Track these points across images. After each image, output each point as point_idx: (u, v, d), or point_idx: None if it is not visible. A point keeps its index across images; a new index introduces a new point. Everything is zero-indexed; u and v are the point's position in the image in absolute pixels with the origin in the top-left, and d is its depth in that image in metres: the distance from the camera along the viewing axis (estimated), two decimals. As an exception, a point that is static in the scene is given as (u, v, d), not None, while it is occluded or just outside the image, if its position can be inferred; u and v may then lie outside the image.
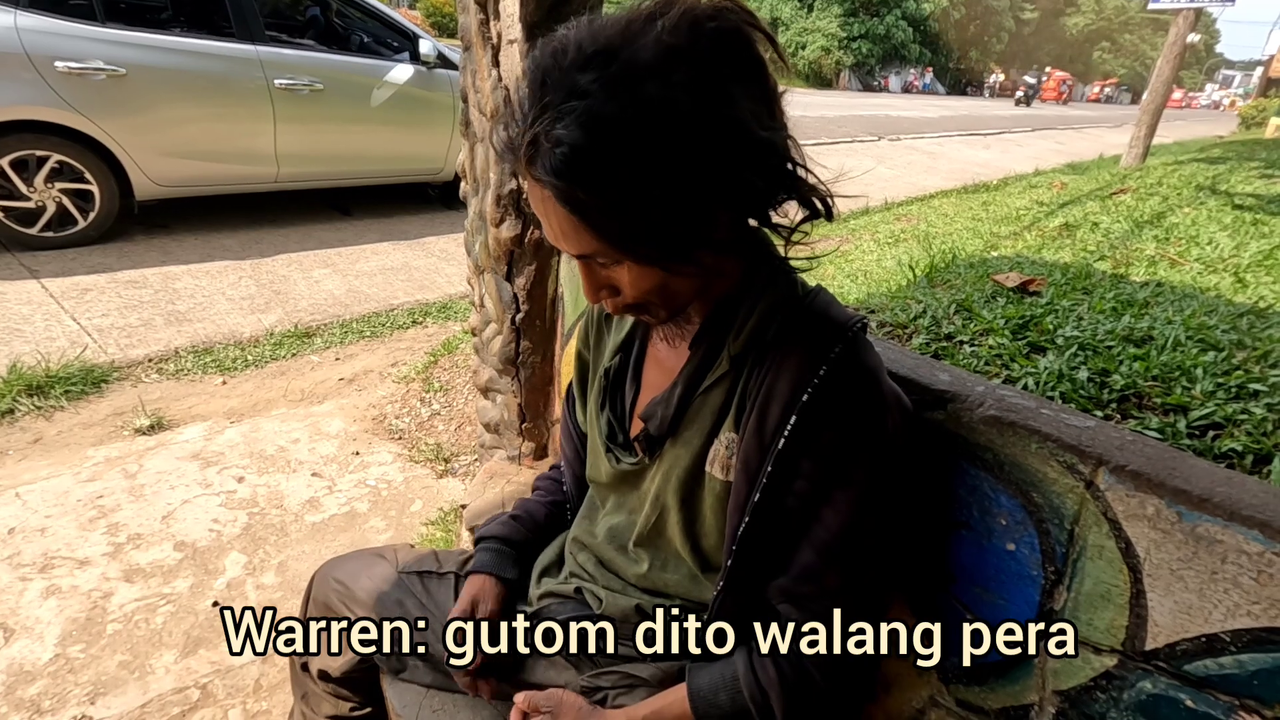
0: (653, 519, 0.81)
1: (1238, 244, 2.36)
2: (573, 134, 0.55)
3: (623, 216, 0.59)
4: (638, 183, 0.57)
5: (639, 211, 0.58)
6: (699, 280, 0.69)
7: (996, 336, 1.38)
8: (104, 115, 3.64)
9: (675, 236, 0.61)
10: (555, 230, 0.63)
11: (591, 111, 0.55)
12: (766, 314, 0.72)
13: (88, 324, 3.05)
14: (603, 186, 0.57)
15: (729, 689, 0.73)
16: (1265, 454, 0.97)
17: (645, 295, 0.68)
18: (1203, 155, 5.89)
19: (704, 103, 0.57)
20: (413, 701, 0.99)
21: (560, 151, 0.56)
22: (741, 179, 0.61)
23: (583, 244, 0.62)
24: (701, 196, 0.60)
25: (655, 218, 0.59)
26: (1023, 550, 0.77)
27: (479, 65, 1.51)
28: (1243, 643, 0.62)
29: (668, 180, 0.57)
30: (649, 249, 0.61)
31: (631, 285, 0.66)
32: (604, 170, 0.56)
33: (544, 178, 0.58)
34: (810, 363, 0.67)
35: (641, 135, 0.56)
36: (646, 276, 0.65)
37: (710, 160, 0.58)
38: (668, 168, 0.57)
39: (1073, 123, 21.99)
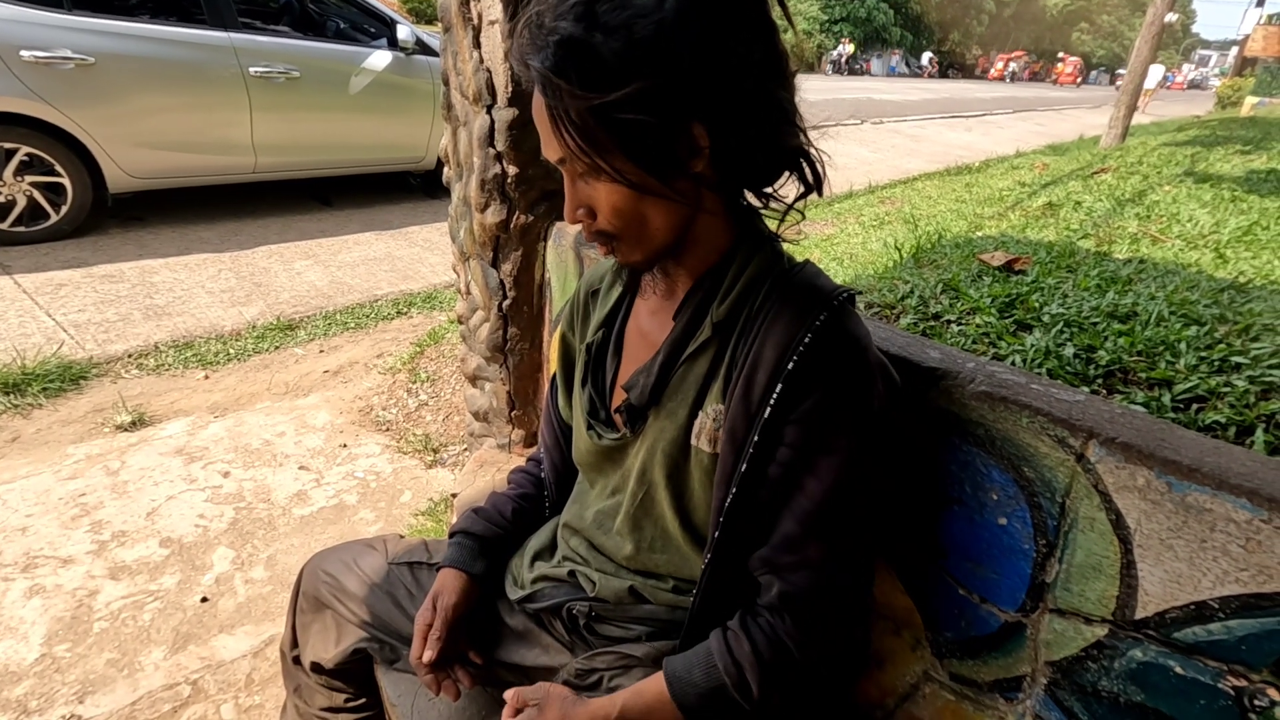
0: (640, 496, 0.80)
1: (1217, 220, 2.38)
2: (568, 26, 0.58)
3: (599, 118, 0.60)
4: (617, 83, 0.58)
5: (616, 116, 0.59)
6: (675, 219, 0.69)
7: (983, 315, 1.38)
8: (73, 105, 3.54)
9: (649, 151, 0.62)
10: (541, 132, 0.65)
11: (591, 11, 0.58)
12: (752, 282, 0.72)
13: (64, 320, 2.99)
14: (584, 81, 0.58)
15: (703, 665, 0.72)
16: (1248, 425, 0.99)
17: (619, 220, 0.68)
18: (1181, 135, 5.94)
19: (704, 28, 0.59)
20: (407, 691, 0.98)
21: (553, 40, 0.58)
22: (723, 108, 0.62)
23: (559, 145, 0.63)
24: (680, 108, 0.61)
25: (631, 126, 0.60)
26: (1014, 524, 0.78)
27: (460, 47, 1.48)
28: (1231, 609, 0.63)
29: (648, 85, 0.58)
30: (622, 160, 0.62)
31: (606, 204, 0.67)
32: (588, 64, 0.58)
33: (536, 68, 0.60)
34: (795, 329, 0.67)
35: (631, 37, 0.58)
36: (620, 193, 0.65)
37: (695, 81, 0.60)
38: (649, 70, 0.58)
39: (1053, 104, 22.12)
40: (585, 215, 0.69)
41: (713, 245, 0.73)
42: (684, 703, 0.72)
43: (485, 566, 0.95)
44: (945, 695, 0.89)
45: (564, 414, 0.97)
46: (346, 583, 0.99)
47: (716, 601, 0.75)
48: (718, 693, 0.71)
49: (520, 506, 1.00)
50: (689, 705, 0.72)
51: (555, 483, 0.99)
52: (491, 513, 0.99)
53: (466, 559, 0.94)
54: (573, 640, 0.90)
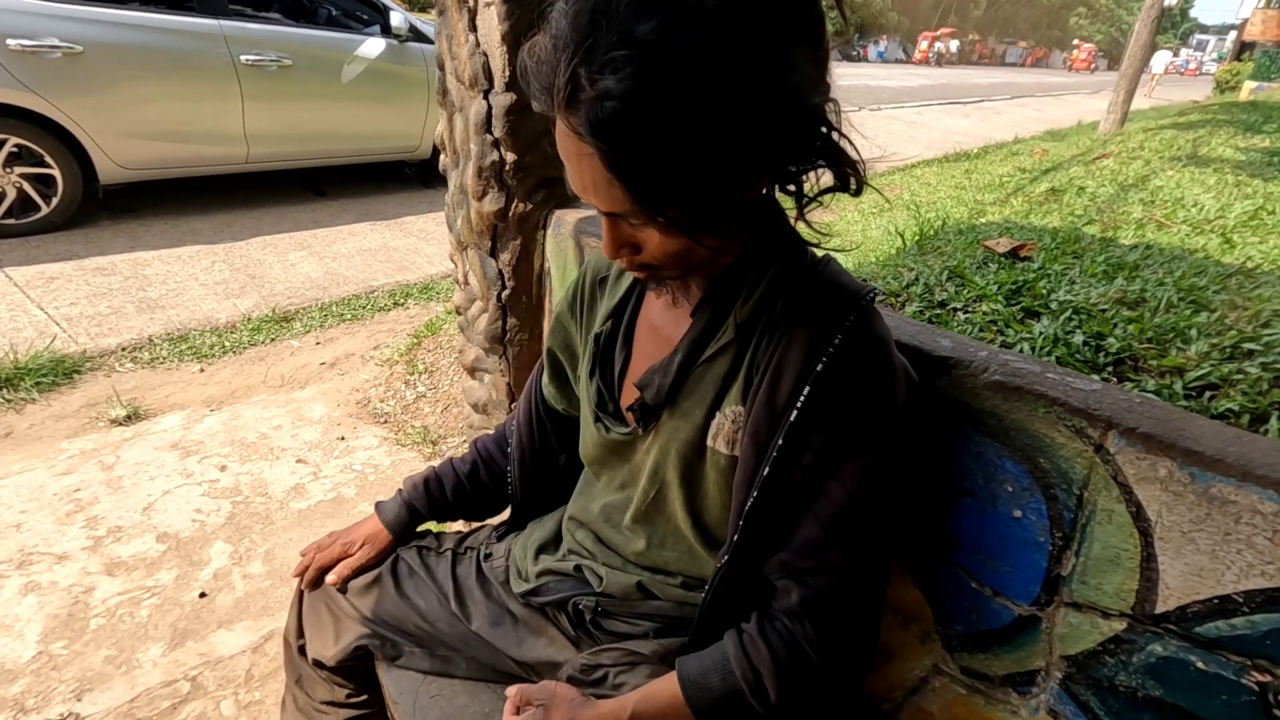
0: (651, 494, 0.78)
1: (1222, 205, 2.36)
2: (624, 87, 0.50)
3: (663, 181, 0.55)
4: (685, 148, 0.53)
5: (681, 178, 0.54)
6: (720, 245, 0.66)
7: (990, 302, 1.36)
8: (62, 95, 3.48)
9: (708, 205, 0.58)
10: (586, 183, 0.59)
11: (648, 66, 0.49)
12: (775, 282, 0.69)
13: (56, 313, 2.96)
14: (648, 149, 0.53)
15: (720, 670, 0.71)
16: (1262, 413, 0.97)
17: (667, 258, 0.64)
18: (1181, 120, 5.91)
19: (765, 67, 0.52)
20: (409, 688, 0.97)
21: (609, 105, 0.51)
22: (788, 148, 0.58)
23: (614, 203, 0.58)
24: (747, 166, 0.57)
25: (696, 186, 0.55)
26: (1029, 516, 0.76)
27: (455, 30, 1.44)
28: (1256, 603, 0.61)
29: (713, 146, 0.53)
30: (683, 216, 0.58)
31: (656, 248, 0.63)
32: (650, 132, 0.52)
33: (584, 132, 0.53)
34: (824, 332, 0.64)
35: (696, 98, 0.51)
36: (675, 240, 0.62)
37: (760, 128, 0.54)
38: (716, 134, 0.53)
39: (1050, 90, 22.01)
40: (628, 252, 0.66)
41: (734, 240, 0.71)
42: (699, 708, 0.70)
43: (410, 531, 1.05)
44: (955, 689, 0.88)
45: (549, 397, 0.95)
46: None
47: (727, 600, 0.74)
48: (734, 698, 0.70)
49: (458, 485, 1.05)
50: (704, 710, 0.70)
51: (521, 477, 1.00)
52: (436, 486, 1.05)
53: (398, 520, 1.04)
54: (578, 635, 0.89)
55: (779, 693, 0.69)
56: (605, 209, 0.60)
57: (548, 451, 0.98)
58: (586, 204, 0.72)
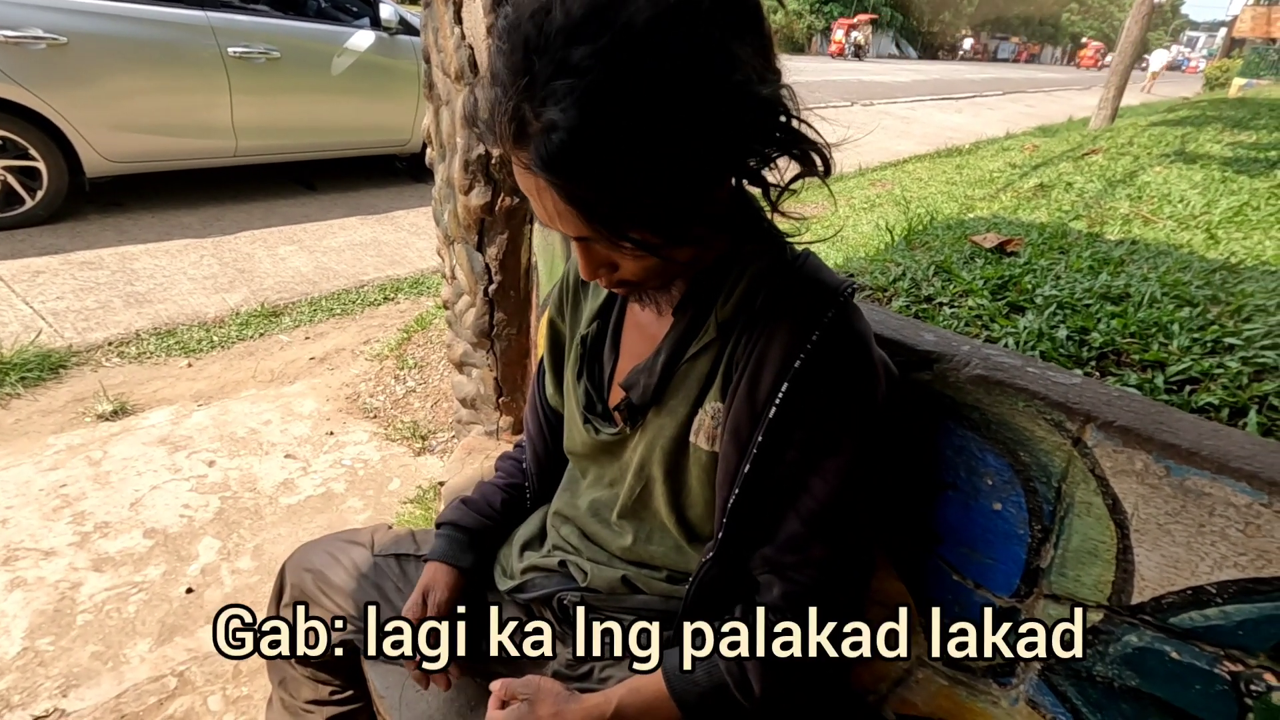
0: (637, 490, 0.79)
1: (1208, 201, 2.38)
2: (568, 118, 0.49)
3: (623, 204, 0.54)
4: (638, 168, 0.52)
5: (641, 198, 0.54)
6: (696, 251, 0.67)
7: (976, 297, 1.37)
8: (46, 87, 3.44)
9: (675, 218, 0.57)
10: (549, 213, 0.58)
11: (587, 93, 0.49)
12: (755, 279, 0.69)
13: (41, 308, 2.93)
14: (601, 175, 0.52)
15: (705, 664, 0.71)
16: (1241, 407, 0.98)
17: (645, 274, 0.64)
18: (1171, 116, 5.94)
19: (707, 71, 0.51)
20: (395, 682, 0.97)
21: (556, 138, 0.50)
22: (745, 146, 0.57)
23: (579, 229, 0.58)
24: (703, 172, 0.56)
25: (657, 203, 0.55)
26: (1010, 509, 0.76)
27: (441, 23, 1.44)
28: (1229, 594, 0.62)
29: (670, 161, 0.53)
30: (650, 235, 0.57)
31: (632, 266, 0.63)
32: (602, 158, 0.51)
33: (536, 168, 0.53)
34: (803, 328, 0.65)
35: (642, 116, 0.50)
36: (646, 259, 0.62)
37: (715, 133, 0.53)
38: (670, 148, 0.52)
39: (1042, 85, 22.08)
40: (605, 272, 0.65)
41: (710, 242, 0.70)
42: (684, 701, 0.71)
43: (474, 559, 0.93)
44: (938, 680, 0.89)
45: (552, 401, 0.94)
46: (331, 576, 0.97)
47: (711, 595, 0.74)
48: (719, 691, 0.70)
49: (509, 496, 0.98)
50: (689, 703, 0.71)
51: (538, 473, 0.97)
52: (480, 503, 0.97)
53: (455, 552, 0.92)
54: (563, 631, 0.89)
55: (763, 686, 0.69)
56: (573, 234, 0.60)
57: (562, 454, 0.97)
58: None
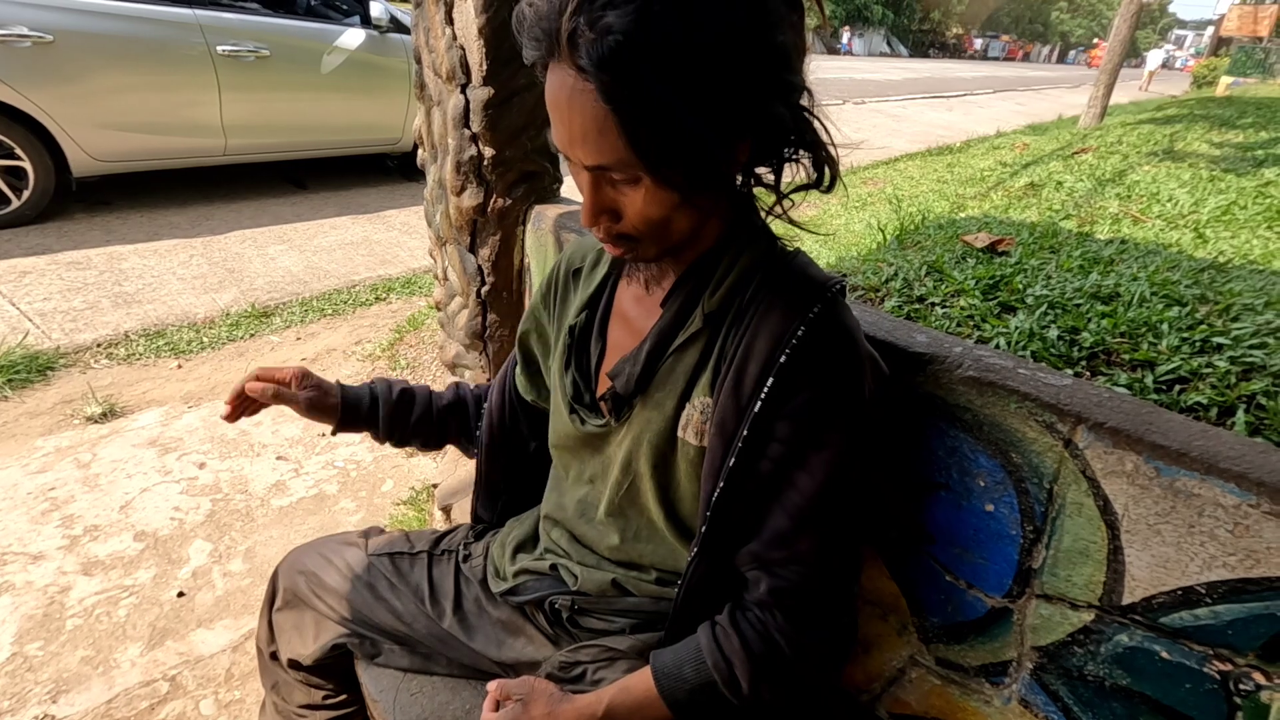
0: (625, 486, 0.78)
1: (1196, 200, 2.40)
2: (626, 22, 0.51)
3: (659, 124, 0.55)
4: (683, 89, 0.53)
5: (677, 122, 0.55)
6: (698, 220, 0.67)
7: (968, 297, 1.37)
8: (31, 85, 3.40)
9: (704, 158, 0.58)
10: (576, 132, 0.58)
11: (648, 4, 0.51)
12: (744, 273, 0.69)
13: (28, 309, 2.90)
14: (648, 86, 0.53)
15: (693, 661, 0.71)
16: (1229, 406, 0.99)
17: (648, 224, 0.64)
18: (1159, 115, 5.98)
19: (759, 18, 0.55)
20: (389, 686, 0.96)
21: (611, 39, 0.51)
22: (774, 110, 0.59)
23: (605, 151, 0.57)
24: (738, 118, 0.58)
25: (691, 133, 0.56)
26: (1002, 510, 0.77)
27: (432, 23, 1.43)
28: (1218, 594, 0.63)
29: (713, 93, 0.55)
30: (676, 167, 0.58)
31: (640, 210, 0.62)
32: (653, 68, 0.52)
33: (587, 67, 0.53)
34: (788, 322, 0.65)
35: (696, 38, 0.52)
36: (659, 202, 0.61)
37: (754, 81, 0.56)
38: (715, 79, 0.54)
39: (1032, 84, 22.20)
40: (607, 219, 0.65)
41: (707, 233, 0.71)
42: (673, 699, 0.71)
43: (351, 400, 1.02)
44: (931, 679, 0.90)
45: (520, 388, 0.95)
46: (325, 578, 0.97)
47: (701, 594, 0.74)
48: (707, 689, 0.70)
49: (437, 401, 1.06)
50: (678, 702, 0.71)
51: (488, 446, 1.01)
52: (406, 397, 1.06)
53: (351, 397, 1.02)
54: (556, 633, 0.89)
55: (751, 683, 0.69)
56: (591, 161, 0.59)
57: (517, 436, 0.99)
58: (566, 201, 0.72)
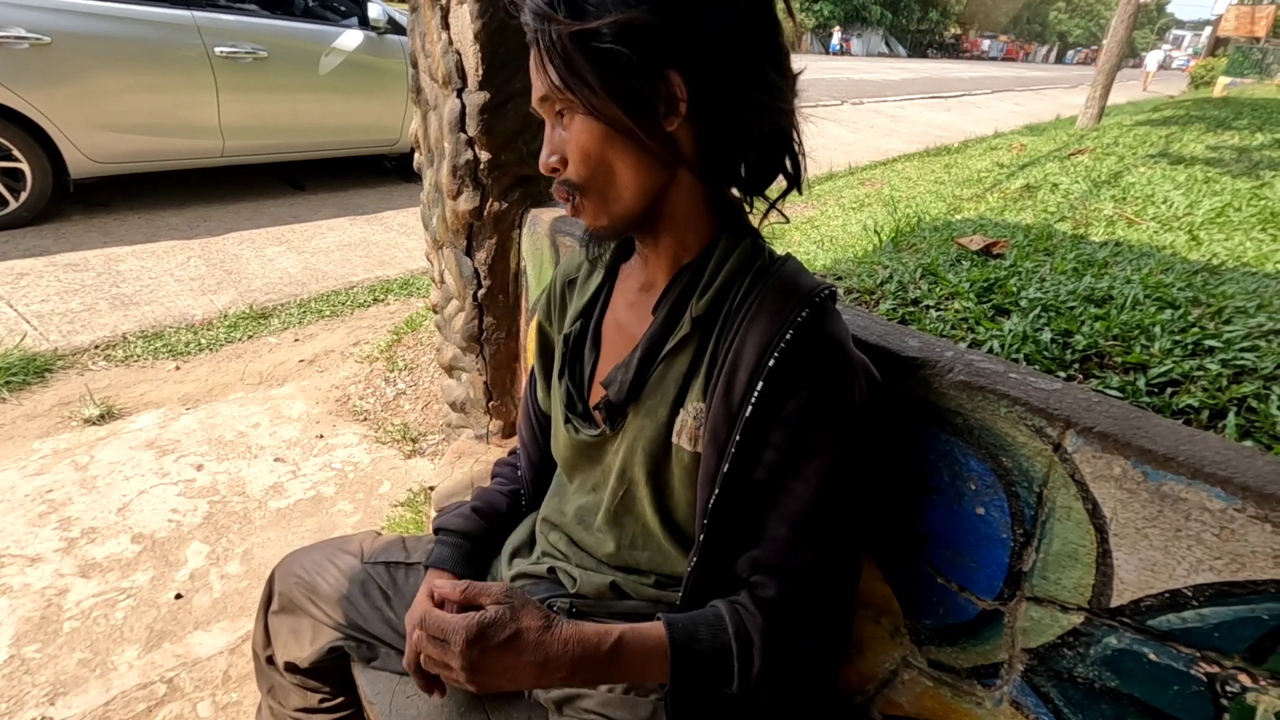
0: (620, 493, 0.79)
1: (1191, 202, 2.41)
2: None
3: (580, 47, 0.60)
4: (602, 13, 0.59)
5: (597, 46, 0.60)
6: (644, 176, 0.68)
7: (962, 300, 1.38)
8: (29, 87, 3.41)
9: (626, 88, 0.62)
10: (534, 63, 0.65)
11: None
12: (732, 276, 0.70)
13: (26, 310, 2.90)
14: (570, 9, 0.60)
15: (711, 626, 0.68)
16: (1220, 409, 1.00)
17: (586, 167, 0.67)
18: (1156, 115, 5.99)
19: None
20: (385, 689, 0.97)
21: None
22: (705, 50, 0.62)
23: (545, 79, 0.64)
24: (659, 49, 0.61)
25: (610, 58, 0.60)
26: (992, 513, 0.77)
27: (428, 28, 1.43)
28: (1205, 597, 0.63)
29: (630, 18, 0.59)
30: (599, 97, 0.62)
31: (576, 148, 0.66)
32: None
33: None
34: (776, 327, 0.65)
35: None
36: (590, 133, 0.65)
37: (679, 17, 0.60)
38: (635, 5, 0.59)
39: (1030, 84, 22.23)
40: (558, 162, 0.69)
41: (694, 235, 0.72)
42: (681, 657, 0.66)
43: (474, 572, 0.92)
44: (924, 681, 0.90)
45: (543, 405, 0.95)
46: (319, 584, 0.97)
47: (703, 599, 0.74)
48: (718, 659, 0.67)
49: (511, 502, 0.99)
50: (685, 660, 0.66)
51: (532, 480, 0.98)
52: (485, 510, 0.96)
53: (456, 560, 0.90)
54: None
55: (763, 665, 0.67)
56: (538, 94, 0.66)
57: None
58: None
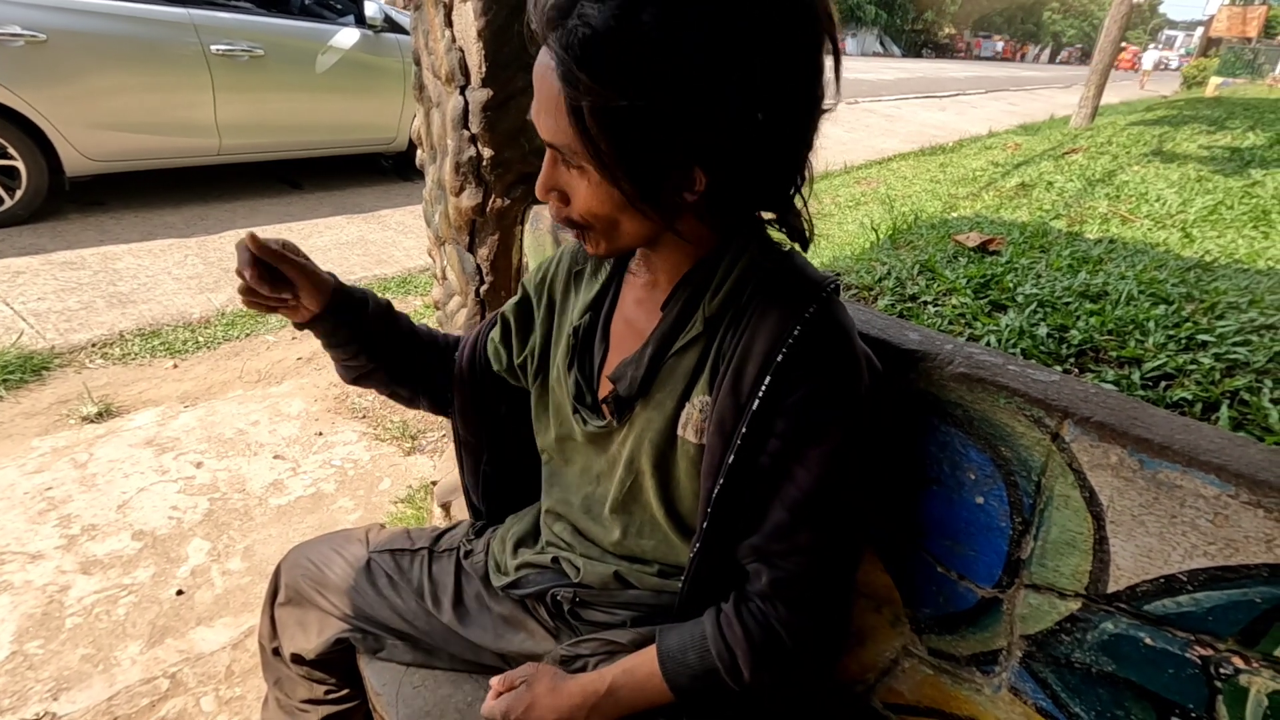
0: (627, 484, 0.80)
1: (1184, 200, 2.43)
2: (603, 19, 0.54)
3: (609, 121, 0.57)
4: (640, 96, 0.55)
5: (627, 123, 0.57)
6: (647, 231, 0.68)
7: (959, 296, 1.40)
8: (24, 85, 3.40)
9: (647, 170, 0.60)
10: (539, 105, 0.61)
11: (630, 8, 0.53)
12: (742, 275, 0.71)
13: (22, 309, 2.90)
14: (606, 82, 0.55)
15: (697, 648, 0.73)
16: (1213, 401, 1.02)
17: (592, 216, 0.66)
18: (1149, 115, 6.03)
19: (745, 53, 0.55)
20: (392, 680, 0.98)
21: (583, 29, 0.54)
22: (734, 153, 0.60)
23: (558, 131, 0.61)
24: (689, 147, 0.59)
25: (638, 138, 0.58)
26: (991, 503, 0.79)
27: (431, 26, 1.44)
28: (1199, 582, 0.65)
29: (668, 109, 0.56)
30: (616, 167, 0.60)
31: (584, 199, 0.65)
32: (616, 67, 0.55)
33: (555, 49, 0.57)
34: (785, 322, 0.67)
35: (665, 57, 0.54)
36: (601, 198, 0.64)
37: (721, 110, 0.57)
38: (673, 98, 0.56)
39: (1024, 83, 22.32)
40: (557, 199, 0.68)
41: (698, 241, 0.72)
42: (676, 684, 0.73)
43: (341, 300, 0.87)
44: (924, 669, 0.92)
45: (490, 353, 0.93)
46: (327, 575, 0.98)
47: (704, 588, 0.76)
48: (710, 675, 0.72)
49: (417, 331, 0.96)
50: (681, 686, 0.73)
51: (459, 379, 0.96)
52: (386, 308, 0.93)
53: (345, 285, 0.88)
54: (557, 626, 0.90)
55: (752, 672, 0.71)
56: (548, 137, 0.63)
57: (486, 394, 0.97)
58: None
